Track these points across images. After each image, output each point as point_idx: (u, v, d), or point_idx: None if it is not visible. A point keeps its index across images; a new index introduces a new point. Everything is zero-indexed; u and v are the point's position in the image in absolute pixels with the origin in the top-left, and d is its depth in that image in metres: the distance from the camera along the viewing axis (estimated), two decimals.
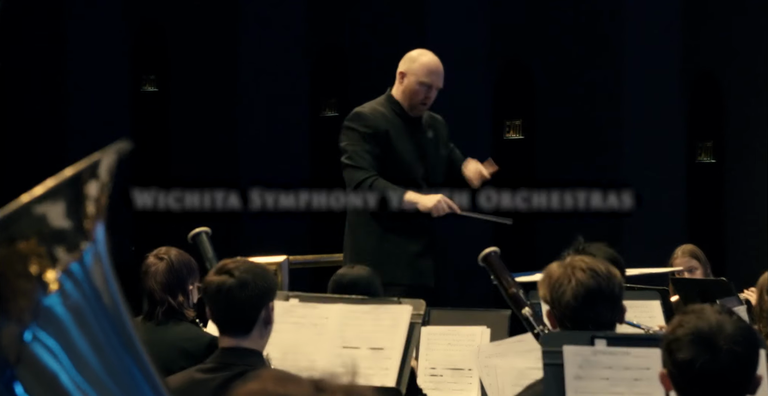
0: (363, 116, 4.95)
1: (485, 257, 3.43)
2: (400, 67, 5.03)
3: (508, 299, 3.35)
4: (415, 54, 5.03)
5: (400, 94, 4.99)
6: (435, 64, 4.99)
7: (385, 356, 3.48)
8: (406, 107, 4.97)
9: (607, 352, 2.59)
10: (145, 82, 8.97)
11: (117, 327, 1.40)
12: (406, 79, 4.96)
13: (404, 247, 4.89)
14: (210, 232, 4.09)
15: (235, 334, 3.02)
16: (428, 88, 4.94)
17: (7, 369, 1.29)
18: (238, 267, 3.02)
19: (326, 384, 1.25)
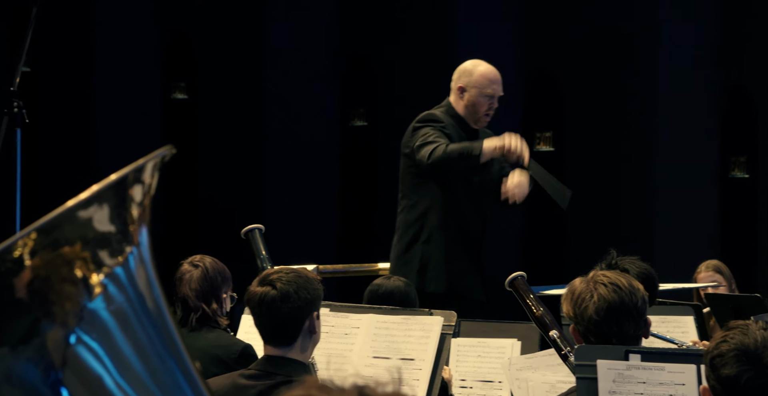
0: (436, 117, 4.94)
1: (512, 282, 3.44)
2: (457, 81, 4.96)
3: (535, 322, 3.35)
4: (470, 66, 4.99)
5: (462, 109, 4.93)
6: (494, 73, 4.97)
7: (416, 367, 3.48)
8: (470, 121, 4.92)
9: (642, 366, 2.57)
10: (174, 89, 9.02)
11: (160, 331, 1.40)
12: (467, 93, 4.91)
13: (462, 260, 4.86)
14: (263, 229, 4.08)
15: (278, 345, 3.01)
16: (491, 99, 4.92)
17: (53, 372, 1.29)
18: (281, 278, 2.99)
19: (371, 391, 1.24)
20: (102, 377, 1.32)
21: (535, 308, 3.39)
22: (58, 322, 1.31)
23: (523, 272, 3.55)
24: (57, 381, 1.29)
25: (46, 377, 1.29)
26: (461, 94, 4.94)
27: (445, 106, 5.01)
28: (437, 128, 4.87)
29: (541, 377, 3.26)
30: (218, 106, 8.57)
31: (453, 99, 4.99)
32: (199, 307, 3.87)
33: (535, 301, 3.42)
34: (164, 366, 1.40)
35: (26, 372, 1.29)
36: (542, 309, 3.38)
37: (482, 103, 4.91)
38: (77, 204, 1.33)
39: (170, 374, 1.40)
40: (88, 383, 1.32)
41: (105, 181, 1.38)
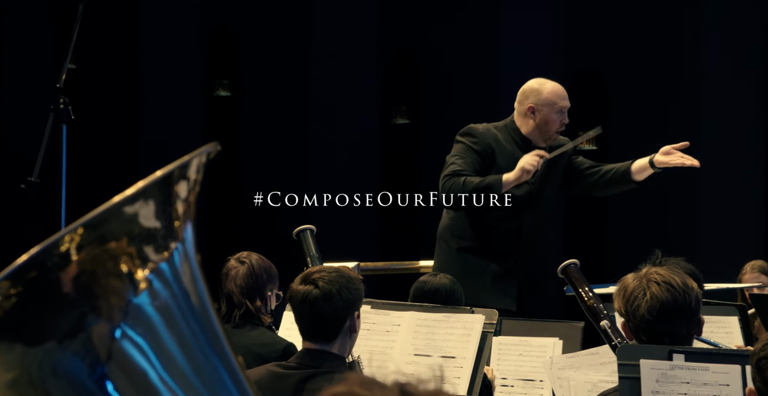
0: (474, 132, 4.91)
1: (564, 269, 3.41)
2: (525, 102, 4.90)
3: (586, 311, 3.32)
4: (536, 85, 4.94)
5: (532, 129, 4.88)
6: (561, 89, 4.95)
7: (457, 365, 3.47)
8: (539, 140, 4.88)
9: (686, 367, 2.55)
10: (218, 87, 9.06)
11: (204, 327, 1.41)
12: (539, 112, 4.87)
13: (486, 269, 4.84)
14: (314, 229, 4.10)
15: (317, 341, 3.02)
16: (563, 114, 4.90)
17: (98, 366, 1.30)
18: (323, 277, 2.99)
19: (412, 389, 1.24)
20: (147, 372, 1.33)
21: (587, 297, 3.36)
22: (104, 317, 1.32)
23: (576, 260, 3.51)
24: (102, 375, 1.31)
25: (91, 371, 1.30)
26: (532, 114, 4.89)
27: (505, 123, 4.97)
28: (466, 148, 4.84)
29: (583, 376, 3.25)
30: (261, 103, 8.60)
31: (520, 120, 4.93)
32: (243, 304, 3.87)
33: (588, 289, 3.39)
34: (208, 362, 1.40)
35: (72, 366, 1.30)
36: (594, 298, 3.35)
37: (555, 120, 4.89)
38: (123, 200, 1.34)
39: (214, 370, 1.41)
40: (132, 377, 1.33)
41: (150, 178, 1.38)
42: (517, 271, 4.88)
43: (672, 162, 4.76)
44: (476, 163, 4.81)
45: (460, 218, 4.88)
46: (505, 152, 4.88)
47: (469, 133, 4.93)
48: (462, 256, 4.87)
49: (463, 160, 4.81)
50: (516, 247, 4.89)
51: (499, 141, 4.91)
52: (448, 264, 4.85)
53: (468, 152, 4.84)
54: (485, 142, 4.88)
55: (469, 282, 4.69)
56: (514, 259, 4.89)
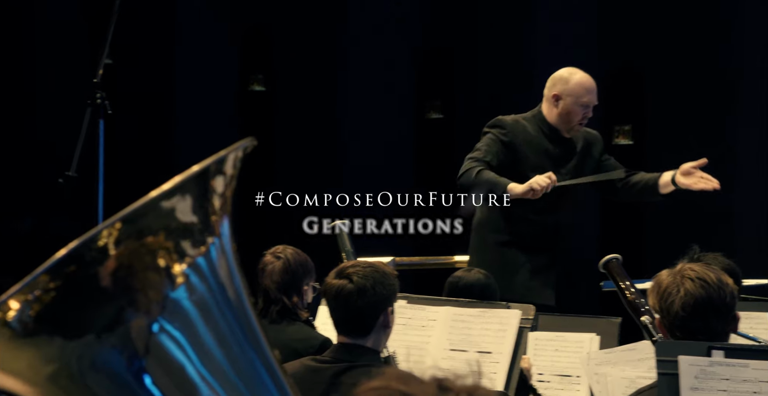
0: (502, 123, 4.89)
1: (606, 263, 3.38)
2: (552, 89, 4.89)
3: (627, 306, 3.30)
4: (566, 74, 4.91)
5: (555, 118, 4.86)
6: (590, 82, 4.89)
7: (493, 360, 3.46)
8: (563, 129, 4.86)
9: (725, 363, 2.53)
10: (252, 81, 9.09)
11: (241, 321, 1.42)
12: (562, 101, 4.83)
13: (525, 263, 4.82)
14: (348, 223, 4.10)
15: (351, 336, 3.02)
16: (586, 108, 4.86)
17: (136, 360, 1.31)
18: (358, 272, 2.99)
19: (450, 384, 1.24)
20: (184, 366, 1.34)
21: (629, 291, 3.34)
22: (142, 311, 1.32)
23: (618, 255, 3.49)
24: (140, 369, 1.31)
25: (129, 365, 1.31)
26: (556, 102, 4.86)
27: (533, 113, 4.95)
28: (494, 140, 4.82)
29: (620, 372, 3.23)
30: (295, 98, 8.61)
31: (546, 107, 4.91)
32: (280, 300, 3.87)
33: (629, 284, 3.37)
34: (245, 356, 1.41)
35: (111, 359, 1.30)
36: (636, 293, 3.33)
37: (577, 112, 4.84)
38: (161, 194, 1.35)
39: (250, 364, 1.41)
40: (170, 371, 1.33)
41: (187, 172, 1.39)
42: (554, 265, 4.86)
43: (694, 186, 4.75)
44: (501, 154, 4.78)
45: (496, 212, 4.86)
46: (533, 143, 4.87)
47: (497, 124, 4.92)
48: (499, 250, 4.85)
49: (488, 149, 4.79)
50: (553, 241, 4.87)
51: (528, 132, 4.89)
52: (485, 258, 4.84)
53: (495, 143, 4.82)
54: (514, 134, 4.86)
55: (507, 276, 4.68)
56: (552, 253, 4.87)
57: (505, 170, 4.75)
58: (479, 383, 1.26)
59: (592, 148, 5.00)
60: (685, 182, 4.77)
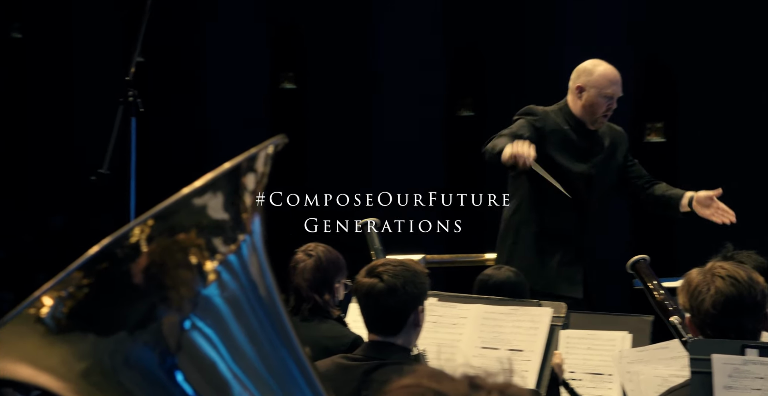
0: (533, 111, 4.88)
1: (634, 264, 3.37)
2: (576, 80, 4.87)
3: (656, 306, 3.29)
4: (590, 65, 4.89)
5: (579, 110, 4.84)
6: (614, 74, 4.86)
7: (524, 358, 3.45)
8: (587, 121, 4.84)
9: (759, 362, 2.51)
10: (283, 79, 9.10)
11: (272, 319, 1.42)
12: (585, 93, 4.81)
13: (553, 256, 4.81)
14: (379, 222, 4.09)
15: (382, 334, 3.02)
16: (610, 100, 4.84)
17: (168, 357, 1.31)
18: (388, 271, 2.98)
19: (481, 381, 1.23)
20: (216, 363, 1.34)
21: (657, 292, 3.33)
22: (174, 308, 1.33)
23: (646, 256, 3.48)
24: (172, 365, 1.32)
25: (162, 362, 1.31)
26: (579, 93, 4.85)
27: (560, 105, 4.94)
28: (524, 123, 4.80)
29: (652, 371, 3.21)
30: (326, 95, 8.62)
31: (570, 99, 4.90)
32: (311, 298, 3.87)
33: (657, 285, 3.36)
34: (276, 353, 1.41)
35: (143, 356, 1.31)
36: (664, 294, 3.32)
37: (601, 103, 4.82)
38: (192, 191, 1.35)
39: (282, 361, 1.41)
40: (202, 368, 1.34)
41: (219, 170, 1.39)
42: (582, 259, 4.85)
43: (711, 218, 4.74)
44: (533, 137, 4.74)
45: (525, 205, 4.85)
46: (560, 134, 4.86)
47: (528, 112, 4.91)
48: (527, 242, 4.84)
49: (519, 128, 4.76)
50: (581, 235, 4.86)
51: (556, 123, 4.88)
52: (513, 250, 4.83)
53: (527, 126, 4.80)
54: (544, 121, 4.85)
55: (534, 268, 4.68)
56: (580, 247, 4.86)
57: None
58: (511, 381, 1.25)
59: (618, 149, 4.99)
60: (702, 212, 4.78)
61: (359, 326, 3.66)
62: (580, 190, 4.84)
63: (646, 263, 3.38)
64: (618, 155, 4.99)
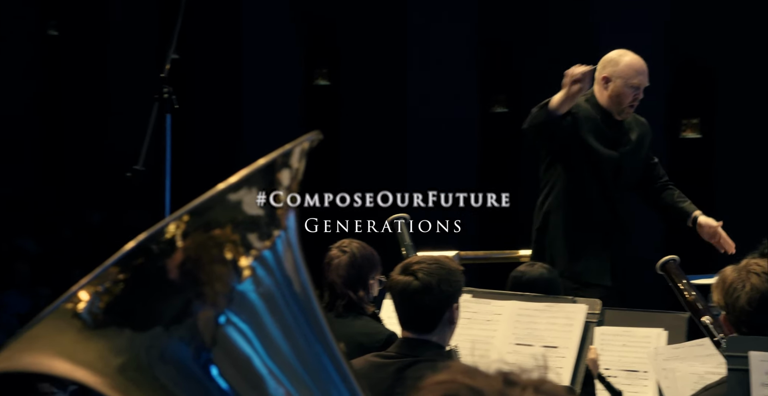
0: None
1: (663, 265, 3.36)
2: (602, 71, 4.86)
3: (686, 306, 3.27)
4: (615, 55, 4.88)
5: (606, 100, 4.82)
6: (640, 63, 4.85)
7: (559, 355, 3.44)
8: (614, 112, 4.83)
9: None
10: (317, 75, 9.12)
11: (307, 314, 1.42)
12: (612, 83, 4.80)
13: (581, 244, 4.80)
14: (409, 218, 4.09)
15: (416, 332, 3.01)
16: (637, 90, 4.82)
17: (203, 352, 1.32)
18: (423, 268, 2.97)
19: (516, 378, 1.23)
20: (251, 358, 1.35)
21: (688, 293, 3.32)
22: (209, 303, 1.33)
23: (675, 256, 3.46)
24: (208, 360, 1.32)
25: (197, 356, 1.32)
26: (605, 84, 4.84)
27: (587, 96, 4.93)
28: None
29: (689, 368, 3.19)
30: (360, 92, 8.63)
31: (597, 89, 4.89)
32: (346, 295, 3.87)
33: (688, 285, 3.34)
34: (310, 349, 1.41)
35: (179, 351, 1.32)
36: (695, 294, 3.30)
37: (627, 93, 4.81)
38: (227, 187, 1.35)
39: (316, 357, 1.42)
40: (237, 363, 1.34)
41: (254, 165, 1.39)
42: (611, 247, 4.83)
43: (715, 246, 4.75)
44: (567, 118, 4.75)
45: (556, 193, 4.84)
46: (592, 121, 4.84)
47: None
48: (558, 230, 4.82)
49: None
50: (610, 223, 4.84)
51: (588, 110, 4.86)
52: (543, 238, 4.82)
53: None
54: (578, 107, 4.83)
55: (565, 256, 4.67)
56: (610, 235, 4.84)
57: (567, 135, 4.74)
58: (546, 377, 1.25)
59: (644, 140, 4.98)
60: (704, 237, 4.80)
61: (393, 322, 3.66)
62: (609, 177, 4.84)
63: (676, 264, 3.36)
64: (645, 147, 4.98)
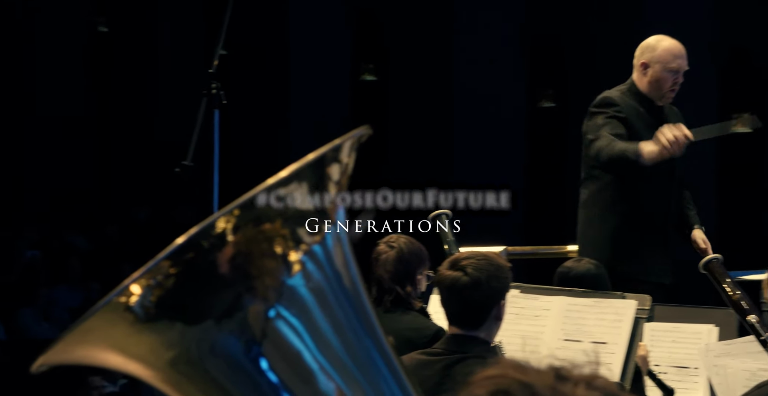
0: (612, 101, 4.83)
1: (707, 264, 3.32)
2: (640, 57, 4.84)
3: (731, 306, 3.23)
4: (653, 41, 4.85)
5: (645, 86, 4.80)
6: (678, 48, 4.82)
7: (608, 351, 3.42)
8: (654, 97, 4.80)
9: None
10: (364, 71, 9.12)
11: (357, 309, 1.42)
12: (650, 68, 4.78)
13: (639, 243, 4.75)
14: (450, 214, 4.09)
15: (463, 328, 3.01)
16: (676, 74, 4.79)
17: (254, 345, 1.32)
18: (472, 264, 2.96)
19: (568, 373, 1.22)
20: (301, 352, 1.35)
21: (732, 292, 3.28)
22: (259, 297, 1.34)
23: (718, 255, 3.44)
24: (258, 354, 1.32)
25: (247, 350, 1.32)
26: (644, 70, 4.80)
27: (627, 85, 4.88)
28: (610, 115, 4.74)
29: (740, 364, 3.15)
30: (407, 87, 8.62)
31: (636, 76, 4.86)
32: (393, 290, 3.87)
33: (732, 284, 3.31)
34: (361, 344, 1.41)
35: (229, 345, 1.32)
36: (739, 293, 3.27)
37: (666, 78, 4.77)
38: (277, 182, 1.35)
39: (366, 352, 1.41)
40: (287, 357, 1.34)
41: (304, 160, 1.39)
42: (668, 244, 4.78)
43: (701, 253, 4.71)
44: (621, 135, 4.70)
45: (610, 188, 4.78)
46: (638, 117, 4.79)
47: (609, 102, 4.84)
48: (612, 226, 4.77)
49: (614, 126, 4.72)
50: (666, 219, 4.79)
51: (633, 106, 4.82)
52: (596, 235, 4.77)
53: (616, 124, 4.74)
54: (627, 108, 4.79)
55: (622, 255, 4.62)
56: (666, 233, 4.78)
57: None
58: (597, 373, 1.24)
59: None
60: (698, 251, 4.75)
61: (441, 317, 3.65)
62: (665, 171, 4.78)
63: (719, 262, 3.33)
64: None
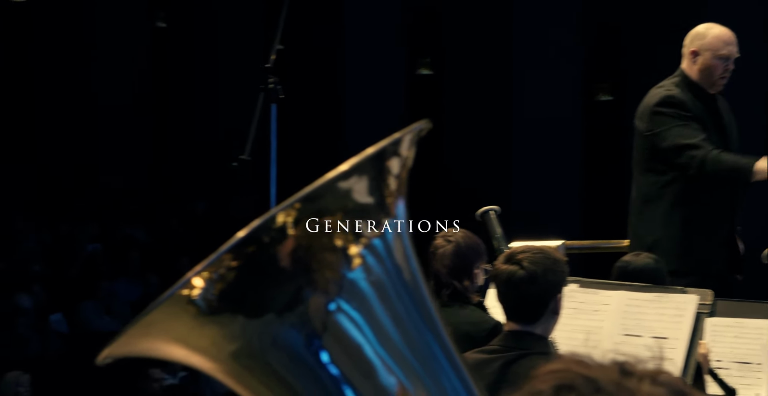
0: (678, 99, 4.77)
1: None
2: (690, 45, 4.79)
3: None
4: (702, 29, 4.80)
5: (696, 74, 4.75)
6: (728, 35, 4.76)
7: (670, 346, 3.38)
8: (705, 86, 4.75)
9: None
10: (420, 65, 9.11)
11: (417, 303, 1.41)
12: (701, 56, 4.73)
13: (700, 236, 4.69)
14: (499, 210, 4.08)
15: (520, 322, 2.99)
16: (726, 61, 4.73)
17: (315, 338, 1.32)
18: (528, 258, 2.95)
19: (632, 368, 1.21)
20: (361, 345, 1.35)
21: None
22: (320, 290, 1.34)
23: None
24: (319, 347, 1.33)
25: (308, 343, 1.33)
26: (694, 58, 4.75)
27: (678, 77, 4.81)
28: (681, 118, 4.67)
29: None
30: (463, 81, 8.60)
31: (686, 65, 4.79)
32: (451, 284, 3.87)
33: None
34: (421, 338, 1.41)
35: (290, 337, 1.32)
36: None
37: (717, 66, 4.71)
38: (338, 175, 1.35)
39: (427, 346, 1.41)
40: (347, 350, 1.35)
41: (363, 154, 1.39)
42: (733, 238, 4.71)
43: None
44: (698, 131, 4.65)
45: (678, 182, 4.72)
46: (699, 110, 4.73)
47: (674, 103, 4.78)
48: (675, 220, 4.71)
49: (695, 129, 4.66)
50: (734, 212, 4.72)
51: (692, 99, 4.76)
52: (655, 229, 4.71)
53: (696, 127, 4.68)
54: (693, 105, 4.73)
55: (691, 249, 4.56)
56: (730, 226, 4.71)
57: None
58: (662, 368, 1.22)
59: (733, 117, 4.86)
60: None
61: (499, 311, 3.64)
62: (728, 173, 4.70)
63: None
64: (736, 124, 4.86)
